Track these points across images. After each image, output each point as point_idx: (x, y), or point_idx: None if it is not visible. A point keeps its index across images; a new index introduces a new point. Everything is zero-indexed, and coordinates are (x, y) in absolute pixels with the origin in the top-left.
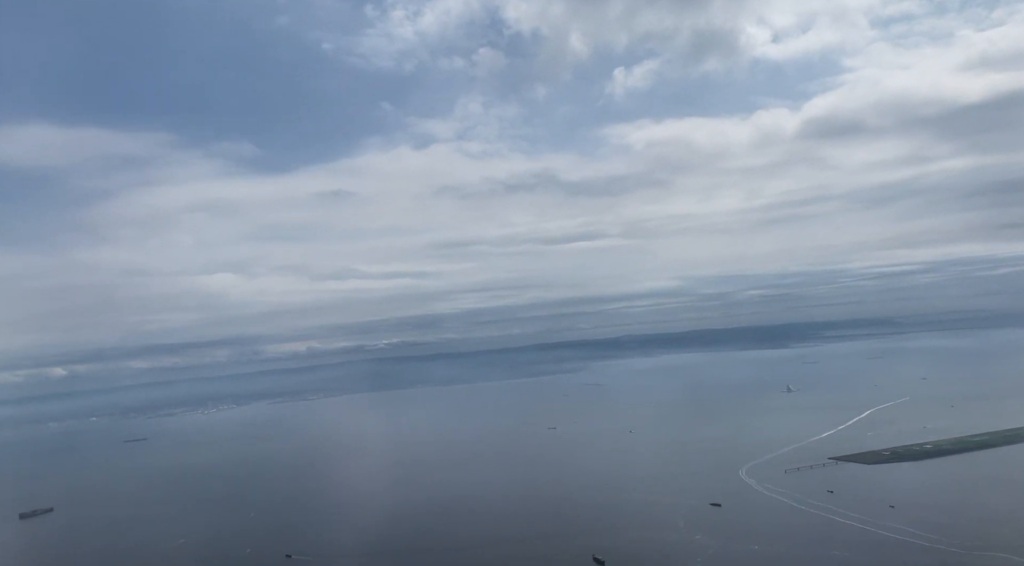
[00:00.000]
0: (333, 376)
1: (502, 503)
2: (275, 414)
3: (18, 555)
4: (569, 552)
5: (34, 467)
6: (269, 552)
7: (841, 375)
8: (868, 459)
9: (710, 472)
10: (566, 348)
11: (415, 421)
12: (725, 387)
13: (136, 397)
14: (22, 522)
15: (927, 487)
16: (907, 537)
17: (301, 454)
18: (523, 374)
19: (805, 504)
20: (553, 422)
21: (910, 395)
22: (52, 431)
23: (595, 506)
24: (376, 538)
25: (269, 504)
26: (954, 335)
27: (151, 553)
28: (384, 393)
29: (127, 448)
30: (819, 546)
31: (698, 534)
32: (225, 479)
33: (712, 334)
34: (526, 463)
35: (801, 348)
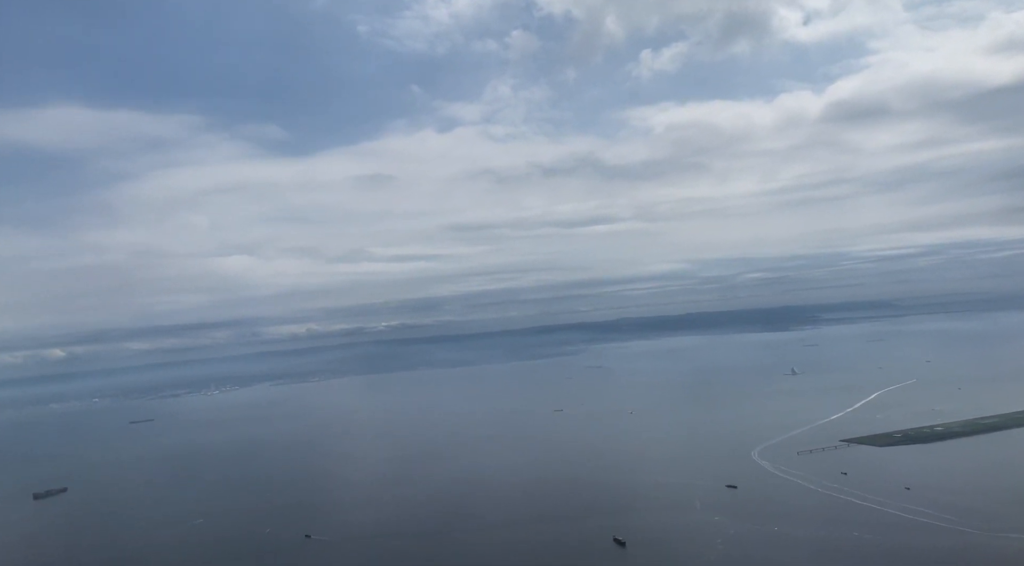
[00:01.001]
0: (334, 358)
1: (517, 484)
2: (278, 396)
3: (35, 535)
4: (589, 533)
5: (43, 448)
6: (288, 532)
7: (844, 358)
8: (880, 441)
9: (723, 454)
10: (565, 331)
11: (421, 403)
12: (729, 370)
13: (137, 378)
14: (37, 502)
15: (941, 469)
16: (926, 519)
17: (310, 436)
18: (524, 357)
19: (820, 486)
20: (558, 404)
21: (916, 378)
22: (56, 412)
23: (610, 487)
24: (393, 519)
25: (283, 485)
26: (954, 318)
27: (171, 532)
28: (386, 375)
29: (134, 429)
30: (839, 527)
31: (717, 515)
32: (236, 460)
33: (711, 317)
34: (536, 445)
35: (801, 331)
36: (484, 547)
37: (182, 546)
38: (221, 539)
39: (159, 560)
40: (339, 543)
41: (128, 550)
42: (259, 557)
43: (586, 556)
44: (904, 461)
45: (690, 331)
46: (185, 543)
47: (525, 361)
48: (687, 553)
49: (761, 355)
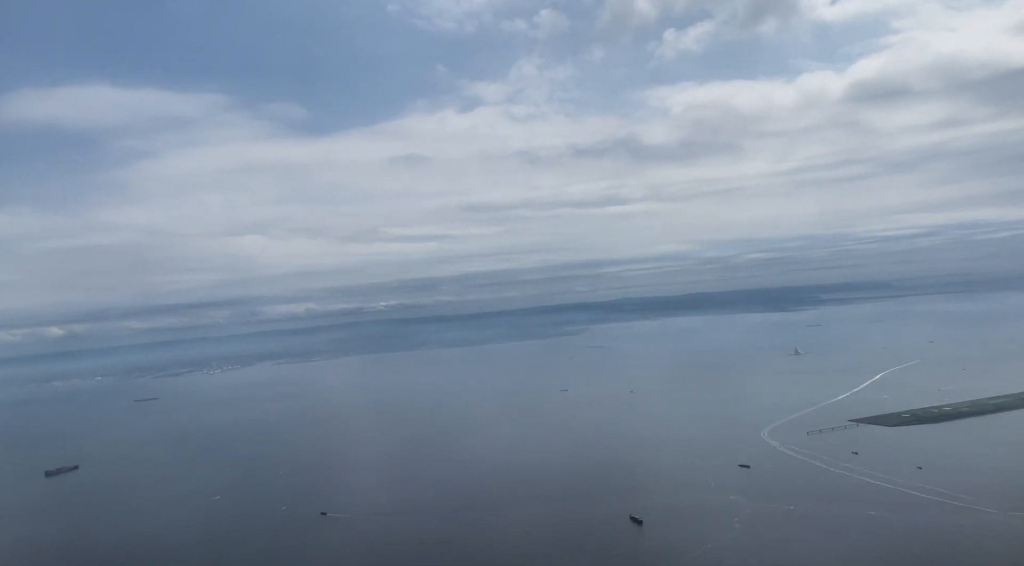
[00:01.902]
0: (334, 338)
1: (530, 464)
2: (281, 375)
3: (50, 512)
4: (605, 512)
5: (50, 426)
6: (304, 509)
7: (846, 338)
8: (889, 421)
9: (732, 434)
10: (565, 311)
11: (427, 383)
12: (732, 350)
13: (138, 357)
14: (48, 479)
15: (952, 449)
16: (940, 498)
17: (317, 415)
18: (525, 337)
19: (832, 465)
20: (563, 384)
21: (920, 358)
22: (59, 390)
23: (624, 467)
24: (408, 497)
25: (296, 463)
26: (954, 298)
27: (189, 509)
28: (388, 355)
29: (139, 407)
30: (855, 506)
31: (731, 495)
32: (247, 439)
33: (711, 297)
34: (546, 425)
35: (802, 311)
36: (501, 525)
37: (202, 522)
38: (239, 515)
39: (180, 536)
40: (355, 521)
41: (147, 526)
42: (278, 533)
43: (604, 534)
44: (914, 441)
45: (691, 311)
46: (204, 519)
47: (527, 341)
48: (705, 532)
49: (763, 335)
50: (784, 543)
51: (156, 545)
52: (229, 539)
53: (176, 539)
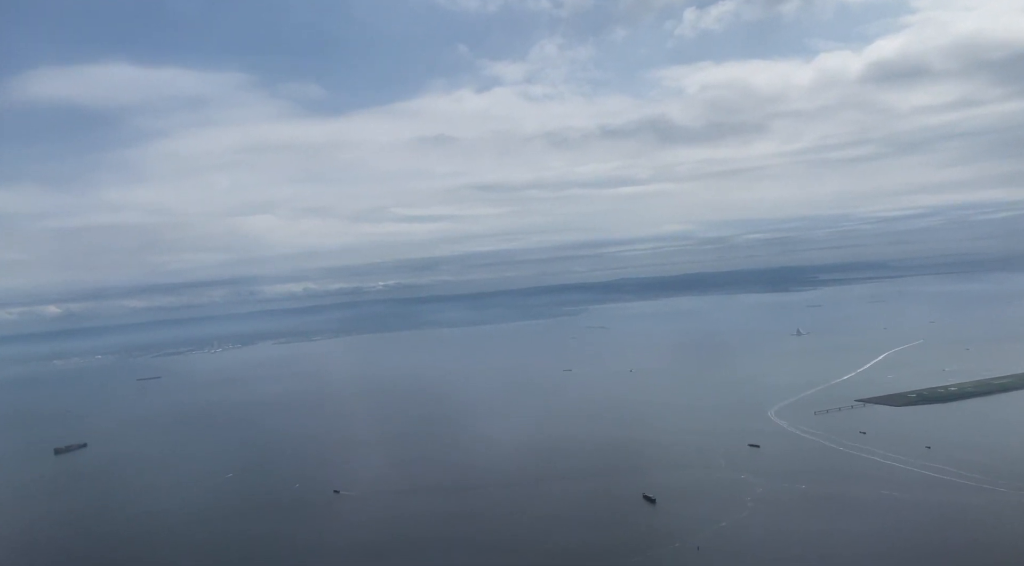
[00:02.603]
0: (334, 317)
1: (540, 443)
2: (283, 354)
3: (62, 489)
4: (618, 490)
5: (54, 404)
6: (317, 487)
7: (848, 319)
8: (895, 401)
9: (739, 413)
10: (563, 291)
11: (430, 363)
12: (734, 330)
13: (138, 336)
14: (58, 457)
15: (959, 429)
16: (950, 477)
17: (322, 394)
18: (525, 317)
19: (841, 445)
20: (566, 364)
21: (922, 338)
22: (60, 369)
23: (634, 446)
24: (420, 476)
25: (306, 442)
26: (952, 279)
27: (204, 487)
28: (389, 334)
29: (142, 386)
30: (866, 485)
31: (743, 473)
32: (253, 418)
33: (710, 278)
34: (553, 404)
35: (801, 292)
36: (515, 503)
37: (216, 500)
38: (252, 493)
39: (195, 513)
40: (368, 498)
41: (161, 504)
42: (292, 510)
43: (618, 512)
44: (921, 421)
45: (690, 292)
46: (219, 497)
47: (527, 321)
48: (718, 510)
49: (764, 316)
50: (798, 521)
51: (171, 523)
52: (244, 516)
53: (191, 517)
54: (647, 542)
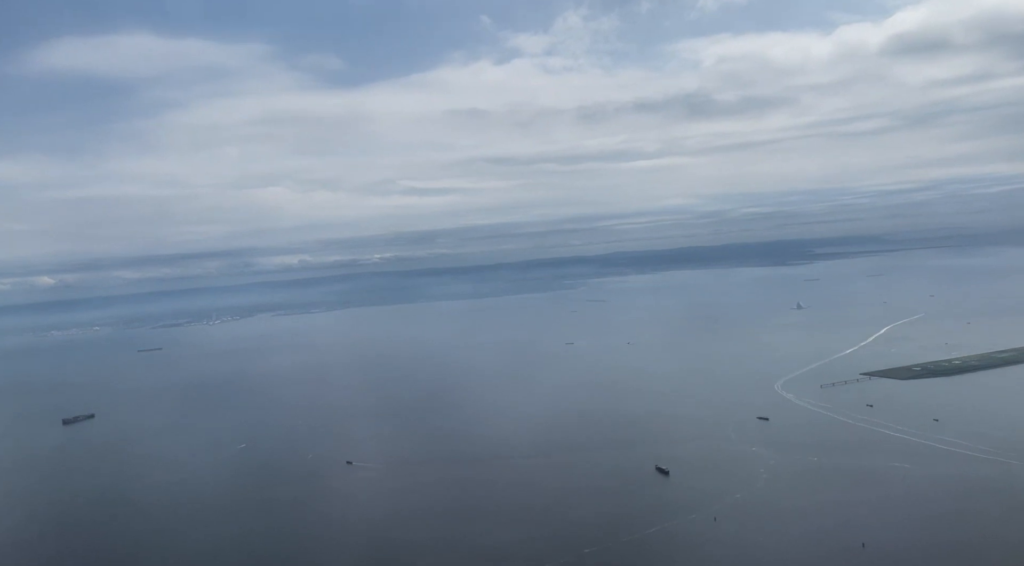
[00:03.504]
0: (332, 290)
1: (549, 415)
2: (283, 327)
3: (73, 461)
4: (631, 462)
5: (58, 375)
6: (330, 458)
7: (847, 293)
8: (900, 375)
9: (746, 386)
10: (560, 265)
11: (432, 335)
12: (734, 304)
13: (134, 308)
14: (66, 428)
15: (966, 402)
16: (960, 449)
17: (327, 366)
18: (523, 290)
19: (849, 418)
20: (568, 337)
21: (923, 312)
22: (58, 340)
23: (643, 419)
24: (432, 447)
25: (315, 414)
26: (947, 253)
27: (218, 457)
28: (387, 307)
29: (144, 357)
30: (877, 458)
31: (754, 446)
32: (260, 390)
33: (706, 251)
34: (557, 377)
35: (797, 266)
36: (529, 474)
37: (230, 470)
38: (266, 463)
39: (212, 482)
40: (381, 469)
41: (175, 474)
42: (306, 481)
43: (632, 484)
44: (927, 394)
45: (686, 266)
46: (233, 467)
47: (525, 294)
48: (733, 482)
49: (763, 290)
50: (811, 494)
51: (189, 492)
52: (260, 486)
53: (208, 487)
54: (664, 513)
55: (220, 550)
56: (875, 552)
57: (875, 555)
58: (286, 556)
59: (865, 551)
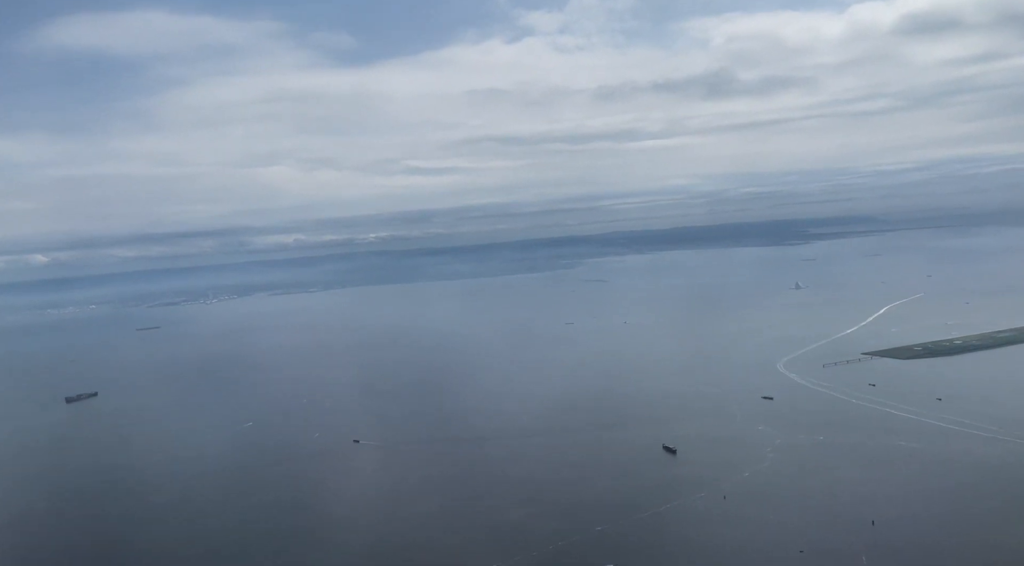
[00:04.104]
0: (329, 269)
1: (553, 394)
2: (281, 306)
3: (78, 439)
4: (637, 441)
5: (58, 353)
6: (337, 437)
7: (845, 273)
8: (902, 354)
9: (749, 366)
10: (556, 245)
11: (432, 315)
12: (732, 284)
13: (130, 286)
14: (70, 406)
15: (969, 381)
16: (965, 428)
17: (328, 346)
18: (520, 270)
19: (853, 397)
20: (568, 317)
21: (921, 292)
22: (55, 318)
23: (647, 399)
24: (439, 426)
25: (318, 393)
26: (943, 234)
27: (224, 435)
28: (387, 287)
29: (142, 336)
30: (883, 436)
31: (759, 425)
32: (262, 368)
33: (702, 231)
34: (560, 357)
35: (794, 246)
36: (536, 454)
37: (238, 448)
38: (273, 442)
39: (220, 460)
40: (389, 448)
41: (181, 452)
42: (313, 459)
43: (640, 463)
44: (929, 373)
45: (683, 246)
46: (240, 445)
47: (523, 274)
48: (740, 460)
49: (760, 270)
50: (819, 472)
51: (197, 470)
52: (268, 464)
53: (215, 464)
54: (673, 491)
55: (232, 525)
56: (885, 530)
57: (885, 532)
58: (297, 532)
59: (875, 529)
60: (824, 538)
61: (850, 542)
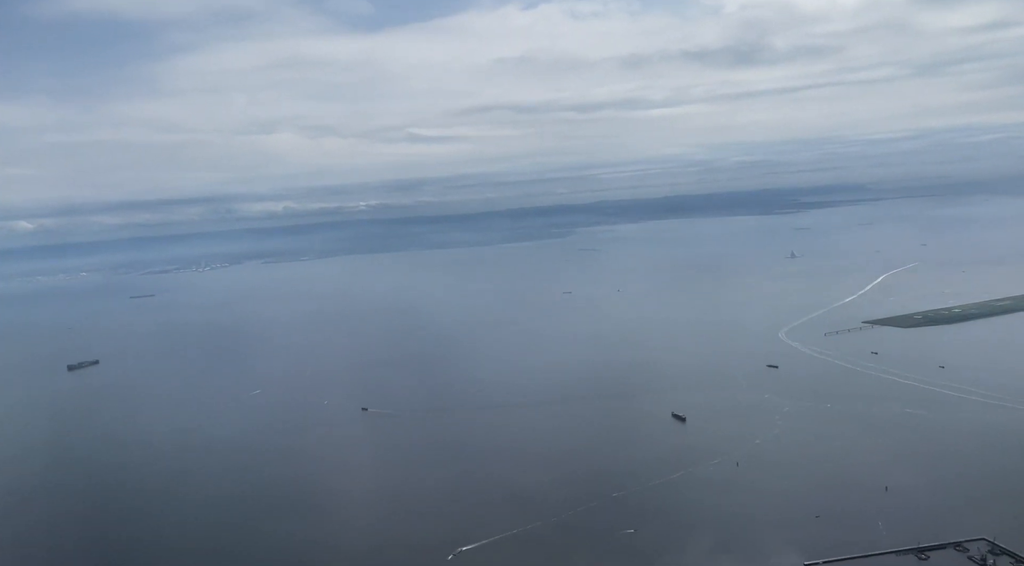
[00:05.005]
0: (320, 237)
1: (558, 363)
2: (274, 274)
3: (87, 406)
4: (646, 409)
5: (52, 321)
6: (345, 405)
7: (839, 241)
8: (902, 323)
9: (751, 334)
10: (547, 214)
11: (429, 284)
12: (727, 253)
13: (120, 254)
14: (72, 373)
15: (970, 349)
16: (968, 395)
17: (327, 315)
18: (513, 238)
19: (856, 365)
20: (565, 286)
21: (917, 261)
22: (47, 286)
23: (653, 367)
24: (447, 395)
25: (322, 361)
26: (932, 203)
27: (232, 403)
28: (380, 255)
29: (137, 304)
30: (889, 404)
31: (766, 393)
32: (263, 337)
33: (690, 200)
34: (560, 326)
35: (784, 215)
36: (547, 421)
37: (247, 416)
38: (282, 410)
39: (230, 428)
40: (397, 416)
41: (192, 420)
42: (322, 426)
43: (650, 430)
44: (930, 341)
45: (674, 215)
46: (249, 413)
47: (516, 243)
48: (750, 428)
49: (754, 239)
50: (829, 439)
51: (207, 438)
52: (279, 431)
53: (226, 432)
54: (686, 458)
55: (246, 493)
56: (898, 495)
57: (899, 498)
58: (314, 499)
59: (889, 494)
60: (839, 504)
61: (865, 507)
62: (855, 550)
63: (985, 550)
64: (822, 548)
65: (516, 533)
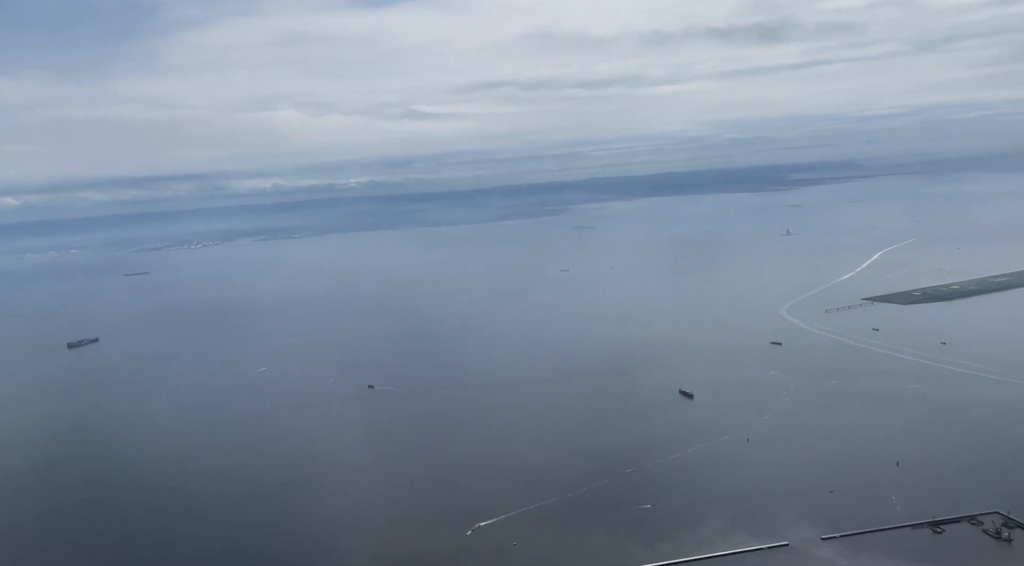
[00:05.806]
0: (312, 215)
1: (562, 341)
2: (268, 252)
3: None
4: (653, 386)
5: (47, 299)
6: (351, 382)
7: (833, 218)
8: (901, 299)
9: (752, 312)
10: (539, 191)
11: (426, 262)
12: (722, 231)
13: (110, 231)
14: (72, 351)
15: (970, 325)
16: (972, 371)
17: (328, 292)
18: (507, 216)
19: (859, 342)
20: (562, 264)
21: (912, 238)
22: (38, 263)
23: (657, 345)
24: (453, 372)
25: (324, 339)
26: (921, 180)
27: (237, 381)
28: (375, 233)
29: (132, 281)
30: (893, 380)
31: (771, 370)
32: (262, 315)
33: (680, 177)
34: (561, 303)
35: (777, 192)
36: (553, 397)
37: (253, 394)
38: (287, 387)
39: (237, 405)
40: (403, 393)
41: (198, 397)
42: (329, 403)
43: (658, 407)
44: (930, 318)
45: (666, 192)
46: (255, 391)
47: (510, 220)
48: (758, 405)
49: (748, 216)
50: (837, 415)
51: (216, 416)
52: (286, 408)
53: (233, 409)
54: (696, 435)
55: (260, 469)
56: (909, 470)
57: (911, 473)
58: (324, 476)
59: (900, 469)
60: (851, 478)
61: (877, 482)
62: (871, 524)
63: (999, 523)
64: (838, 522)
65: (532, 508)
